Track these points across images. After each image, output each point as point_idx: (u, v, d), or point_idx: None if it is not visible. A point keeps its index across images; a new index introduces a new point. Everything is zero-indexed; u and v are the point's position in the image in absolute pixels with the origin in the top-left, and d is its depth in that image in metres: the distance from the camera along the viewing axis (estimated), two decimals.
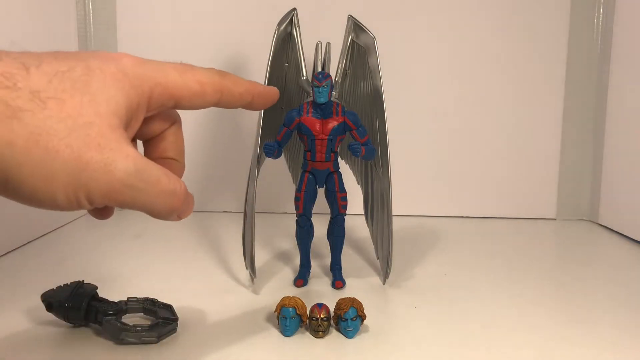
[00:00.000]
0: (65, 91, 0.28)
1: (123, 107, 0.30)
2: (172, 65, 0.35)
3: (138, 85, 0.32)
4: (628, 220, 0.84)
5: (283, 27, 0.60)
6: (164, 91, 0.33)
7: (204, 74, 0.35)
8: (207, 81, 0.35)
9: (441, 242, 0.80)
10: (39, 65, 0.29)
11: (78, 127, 0.28)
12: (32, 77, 0.28)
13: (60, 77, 0.29)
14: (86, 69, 0.30)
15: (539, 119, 0.94)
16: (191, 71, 0.35)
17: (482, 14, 0.91)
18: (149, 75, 0.33)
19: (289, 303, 0.50)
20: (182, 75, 0.34)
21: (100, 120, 0.29)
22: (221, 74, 0.36)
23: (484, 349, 0.48)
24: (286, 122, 0.59)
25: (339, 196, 0.61)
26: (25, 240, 0.76)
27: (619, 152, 0.87)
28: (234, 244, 0.74)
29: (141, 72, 0.32)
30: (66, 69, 0.29)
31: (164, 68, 0.34)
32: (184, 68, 0.35)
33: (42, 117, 0.27)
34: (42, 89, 0.28)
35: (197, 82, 0.34)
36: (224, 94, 0.36)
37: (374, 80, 0.60)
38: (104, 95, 0.29)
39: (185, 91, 0.34)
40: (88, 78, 0.29)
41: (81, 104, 0.28)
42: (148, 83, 0.32)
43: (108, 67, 0.31)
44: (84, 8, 0.91)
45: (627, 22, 0.85)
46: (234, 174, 0.94)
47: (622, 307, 0.58)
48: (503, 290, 0.62)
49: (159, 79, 0.33)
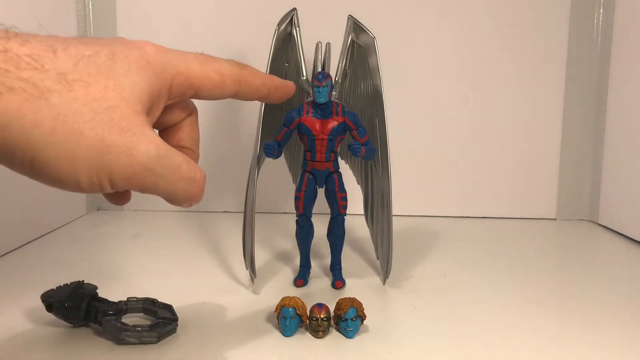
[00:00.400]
0: (91, 75, 0.29)
1: (146, 93, 0.31)
2: (193, 55, 0.35)
3: (160, 73, 0.32)
4: (628, 220, 0.84)
5: (283, 27, 0.60)
6: (185, 80, 0.34)
7: (223, 65, 0.36)
8: (227, 72, 0.35)
9: (441, 242, 0.80)
10: (65, 48, 0.29)
11: (103, 111, 0.28)
12: (59, 59, 0.28)
13: (87, 61, 0.29)
14: (111, 54, 0.30)
15: (539, 119, 0.94)
16: (212, 62, 0.35)
17: (482, 14, 0.91)
18: (171, 63, 0.33)
19: (289, 303, 0.50)
20: (203, 66, 0.35)
21: (124, 105, 0.29)
22: (240, 65, 0.37)
23: (484, 349, 0.48)
24: (286, 122, 0.59)
25: (339, 196, 0.61)
26: (25, 240, 0.76)
27: (619, 152, 0.87)
28: (234, 244, 0.74)
29: (163, 60, 0.33)
30: (91, 53, 0.29)
31: (186, 57, 0.35)
32: (204, 58, 0.35)
33: (68, 99, 0.28)
34: (69, 71, 0.28)
35: (217, 72, 0.35)
36: (242, 85, 0.36)
37: (374, 80, 0.60)
38: (128, 80, 0.30)
39: (205, 81, 0.35)
40: (112, 63, 0.30)
41: (106, 88, 0.29)
42: (170, 71, 0.33)
43: (132, 54, 0.31)
44: (84, 8, 0.91)
45: (627, 22, 0.85)
46: (234, 174, 0.94)
47: (622, 307, 0.58)
48: (503, 290, 0.62)
49: (180, 68, 0.34)
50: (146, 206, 0.96)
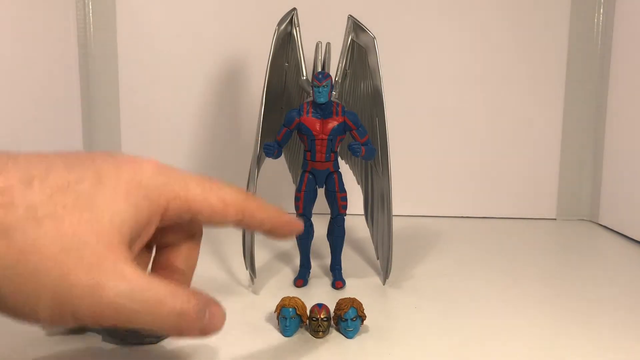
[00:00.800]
0: (66, 207, 0.27)
1: (129, 222, 0.29)
2: (196, 178, 0.33)
3: (154, 198, 0.30)
4: (628, 220, 0.84)
5: (283, 27, 0.60)
6: (183, 204, 0.32)
7: (228, 192, 0.34)
8: (231, 201, 0.33)
9: (441, 242, 0.80)
10: (45, 177, 0.27)
11: (71, 247, 0.27)
12: (33, 191, 0.27)
13: (64, 191, 0.27)
14: (96, 179, 0.28)
15: (539, 119, 0.94)
16: (216, 188, 0.33)
17: (482, 14, 0.91)
18: (168, 186, 0.31)
19: (289, 303, 0.50)
20: (205, 192, 0.32)
21: (97, 239, 0.27)
22: (246, 196, 0.35)
23: (484, 348, 0.48)
24: (286, 122, 0.59)
25: (339, 196, 0.61)
26: None
27: (619, 152, 0.87)
28: (234, 244, 0.74)
29: (160, 183, 0.31)
30: (74, 179, 0.28)
31: (186, 180, 0.32)
32: (209, 184, 0.33)
33: (34, 236, 0.26)
34: (41, 205, 0.27)
35: (220, 200, 0.33)
36: (245, 216, 0.34)
37: (374, 80, 0.60)
38: (109, 210, 0.28)
39: (205, 207, 0.32)
40: (95, 190, 0.28)
41: (79, 222, 0.27)
42: (166, 195, 0.31)
43: (122, 176, 0.29)
44: (84, 8, 0.91)
45: (627, 22, 0.85)
46: (234, 174, 0.93)
47: (622, 307, 0.58)
48: (503, 290, 0.62)
49: (178, 191, 0.31)
50: None
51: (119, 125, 0.94)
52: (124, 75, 0.93)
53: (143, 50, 0.93)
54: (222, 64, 0.92)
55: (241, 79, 0.92)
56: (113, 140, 0.95)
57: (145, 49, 0.93)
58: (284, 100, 0.66)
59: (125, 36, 0.92)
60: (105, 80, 0.93)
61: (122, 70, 0.93)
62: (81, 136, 0.90)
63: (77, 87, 0.89)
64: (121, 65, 0.93)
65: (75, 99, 0.89)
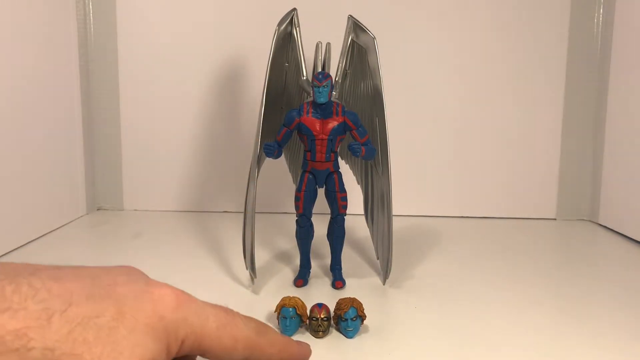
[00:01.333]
0: (86, 342, 0.27)
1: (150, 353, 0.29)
2: (215, 312, 0.33)
3: (173, 331, 0.30)
4: (628, 220, 0.84)
5: (283, 27, 0.60)
6: (196, 341, 0.31)
7: (242, 329, 0.33)
8: (242, 339, 0.33)
9: (441, 242, 0.80)
10: (65, 310, 0.27)
11: None
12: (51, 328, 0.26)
13: (84, 325, 0.27)
14: (117, 313, 0.28)
15: (539, 119, 0.94)
16: (230, 325, 0.33)
17: (483, 14, 0.91)
18: (187, 321, 0.31)
19: (289, 303, 0.50)
20: (220, 329, 0.32)
21: None
22: (259, 331, 0.35)
23: (484, 348, 0.48)
24: (286, 122, 0.59)
25: (339, 196, 0.61)
26: (25, 240, 0.76)
27: (619, 152, 0.87)
28: (234, 244, 0.74)
29: (180, 317, 0.31)
30: (95, 313, 0.28)
31: (205, 314, 0.32)
32: (225, 320, 0.32)
33: None
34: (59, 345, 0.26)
35: (232, 338, 0.33)
36: (254, 353, 0.34)
37: (374, 80, 0.60)
38: (130, 343, 0.28)
39: (216, 346, 0.32)
40: (116, 324, 0.28)
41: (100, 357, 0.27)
42: (184, 330, 0.31)
43: (143, 310, 0.29)
44: (84, 8, 0.91)
45: (627, 22, 0.85)
46: (234, 174, 0.94)
47: (622, 307, 0.58)
48: (503, 290, 0.62)
49: (195, 327, 0.31)
50: (146, 206, 0.96)
51: (119, 125, 0.94)
52: (124, 75, 0.93)
53: (143, 51, 0.93)
54: (222, 64, 0.92)
55: (241, 79, 0.92)
56: (113, 140, 0.95)
57: (146, 50, 0.93)
58: (284, 100, 0.66)
59: (125, 36, 0.92)
60: (105, 80, 0.93)
61: (122, 70, 0.93)
62: (81, 136, 0.90)
63: (77, 87, 0.89)
64: (121, 65, 0.93)
65: (76, 99, 0.89)
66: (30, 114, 0.77)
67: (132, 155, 0.95)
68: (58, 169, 0.85)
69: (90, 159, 0.94)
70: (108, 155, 0.95)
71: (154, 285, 0.31)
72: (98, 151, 0.95)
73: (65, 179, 0.87)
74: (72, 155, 0.89)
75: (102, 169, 0.95)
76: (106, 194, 0.96)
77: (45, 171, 0.81)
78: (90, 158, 0.94)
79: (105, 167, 0.95)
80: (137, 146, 0.95)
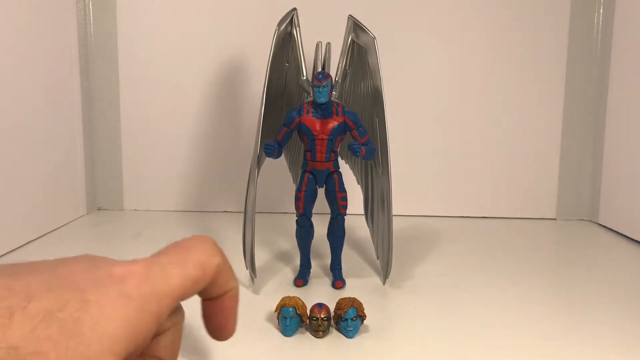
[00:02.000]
0: (50, 338, 0.26)
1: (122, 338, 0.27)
2: (171, 261, 0.31)
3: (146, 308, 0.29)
4: (628, 220, 0.84)
5: (283, 27, 0.60)
6: (171, 301, 0.30)
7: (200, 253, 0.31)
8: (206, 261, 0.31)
9: (441, 242, 0.80)
10: (26, 306, 0.26)
11: None
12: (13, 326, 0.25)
13: (47, 321, 0.26)
14: (80, 303, 0.27)
15: (539, 119, 0.94)
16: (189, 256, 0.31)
17: (483, 14, 0.91)
18: (156, 290, 0.29)
19: (289, 303, 0.50)
20: (183, 270, 0.30)
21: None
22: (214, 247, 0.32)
23: (484, 348, 0.48)
24: (286, 122, 0.59)
25: (339, 196, 0.61)
26: (25, 240, 0.76)
27: (619, 152, 0.87)
28: (234, 244, 0.74)
29: (148, 290, 0.29)
30: (57, 307, 0.27)
31: (167, 272, 0.30)
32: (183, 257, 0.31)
33: None
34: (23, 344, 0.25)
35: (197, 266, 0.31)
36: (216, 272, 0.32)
37: (374, 80, 0.60)
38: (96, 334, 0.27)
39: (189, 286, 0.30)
40: (81, 314, 0.27)
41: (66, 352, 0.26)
42: (157, 300, 0.29)
43: (108, 295, 0.28)
44: (84, 8, 0.91)
45: (627, 22, 0.85)
46: (234, 174, 0.94)
47: (622, 307, 0.58)
48: (503, 290, 0.62)
49: (165, 290, 0.29)
50: (146, 206, 0.96)
51: (119, 125, 0.94)
52: (124, 75, 0.93)
53: (143, 51, 0.93)
54: (222, 64, 0.92)
55: (241, 79, 0.92)
56: (113, 141, 0.95)
57: (146, 50, 0.93)
58: (284, 100, 0.66)
59: (126, 36, 0.92)
60: (105, 80, 0.93)
61: (122, 70, 0.93)
62: (81, 136, 0.90)
63: (77, 87, 0.89)
64: (121, 65, 0.93)
65: (76, 99, 0.89)
66: (30, 114, 0.77)
67: (132, 156, 0.95)
68: (58, 169, 0.85)
69: (90, 159, 0.94)
70: (108, 156, 0.95)
71: (115, 265, 0.29)
72: (98, 151, 0.95)
73: (65, 179, 0.87)
74: (72, 155, 0.89)
75: (102, 169, 0.95)
76: (106, 194, 0.96)
77: (45, 171, 0.81)
78: (90, 158, 0.94)
79: (105, 168, 0.95)
80: (137, 146, 0.95)
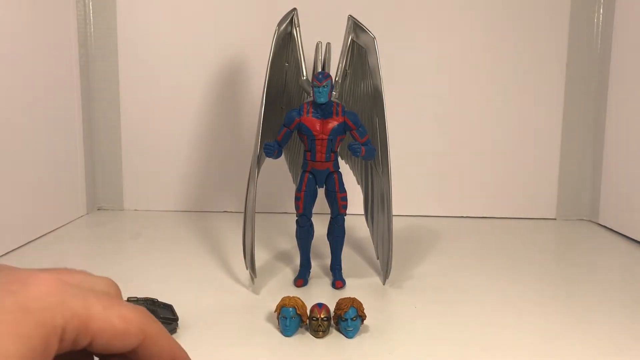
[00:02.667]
0: None
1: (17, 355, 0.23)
2: (96, 294, 0.28)
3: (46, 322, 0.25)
4: (628, 220, 0.84)
5: (283, 27, 0.60)
6: (81, 325, 0.26)
7: (131, 310, 0.31)
8: (133, 319, 0.30)
9: (441, 242, 0.80)
10: None
11: None
12: None
13: None
14: None
15: (539, 119, 0.93)
16: (118, 305, 0.30)
17: (483, 14, 0.91)
18: (65, 304, 0.26)
19: (289, 303, 0.50)
20: (106, 309, 0.27)
21: None
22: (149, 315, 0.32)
23: (484, 348, 0.48)
24: (286, 122, 0.59)
25: (339, 196, 0.61)
26: (25, 240, 0.76)
27: (619, 152, 0.87)
28: (234, 244, 0.74)
29: (54, 302, 0.26)
30: None
31: (87, 297, 0.27)
32: (110, 302, 0.28)
33: None
34: None
35: (121, 318, 0.28)
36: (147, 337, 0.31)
37: (374, 80, 0.60)
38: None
39: (106, 327, 0.27)
40: None
41: None
42: (63, 314, 0.26)
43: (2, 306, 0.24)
44: (84, 8, 0.91)
45: (627, 22, 0.85)
46: (234, 174, 0.94)
47: (621, 307, 0.58)
48: (503, 290, 0.62)
49: (77, 309, 0.26)
50: (146, 206, 0.96)
51: (119, 125, 0.94)
52: (124, 75, 0.93)
53: (143, 51, 0.93)
54: (222, 64, 0.92)
55: (241, 79, 0.92)
56: (113, 140, 0.95)
57: (146, 49, 0.93)
58: (284, 100, 0.66)
59: (126, 36, 0.92)
60: (105, 80, 0.93)
61: (122, 70, 0.93)
62: (81, 136, 0.90)
63: (77, 87, 0.89)
64: (121, 65, 0.93)
65: (76, 99, 0.89)
66: (30, 114, 0.77)
67: (132, 156, 0.95)
68: (58, 169, 0.85)
69: (90, 160, 0.94)
70: (108, 156, 0.95)
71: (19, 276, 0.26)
72: (98, 151, 0.95)
73: (65, 179, 0.87)
74: (72, 155, 0.89)
75: (102, 169, 0.95)
76: (106, 194, 0.96)
77: (45, 171, 0.81)
78: (90, 158, 0.94)
79: (105, 168, 0.95)
80: (137, 146, 0.95)
